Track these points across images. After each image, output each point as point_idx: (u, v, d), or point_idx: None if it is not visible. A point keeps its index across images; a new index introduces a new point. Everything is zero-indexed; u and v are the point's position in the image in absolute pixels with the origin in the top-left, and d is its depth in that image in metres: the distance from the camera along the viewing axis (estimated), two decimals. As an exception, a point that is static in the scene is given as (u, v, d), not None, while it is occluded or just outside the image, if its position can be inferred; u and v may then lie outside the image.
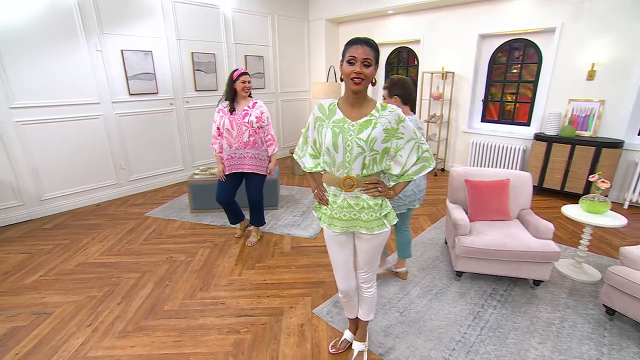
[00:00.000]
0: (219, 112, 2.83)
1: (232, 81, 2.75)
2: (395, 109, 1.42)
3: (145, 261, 2.89)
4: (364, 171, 1.44)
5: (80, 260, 2.91)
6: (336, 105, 1.46)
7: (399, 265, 2.60)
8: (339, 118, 1.43)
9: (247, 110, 2.79)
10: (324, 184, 1.59)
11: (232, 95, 2.79)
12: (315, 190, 1.63)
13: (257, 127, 2.81)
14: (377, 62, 1.37)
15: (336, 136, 1.41)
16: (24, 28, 3.44)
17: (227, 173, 2.93)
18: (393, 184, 1.55)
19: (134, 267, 2.79)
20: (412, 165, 1.50)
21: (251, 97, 2.88)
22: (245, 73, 2.75)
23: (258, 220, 3.17)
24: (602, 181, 2.43)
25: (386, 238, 1.58)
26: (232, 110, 2.77)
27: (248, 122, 2.77)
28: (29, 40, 3.48)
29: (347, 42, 1.38)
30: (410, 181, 1.54)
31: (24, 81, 3.52)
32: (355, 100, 1.41)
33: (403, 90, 2.15)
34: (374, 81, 1.39)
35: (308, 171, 1.63)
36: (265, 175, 3.02)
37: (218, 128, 2.84)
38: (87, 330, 2.08)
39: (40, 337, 2.03)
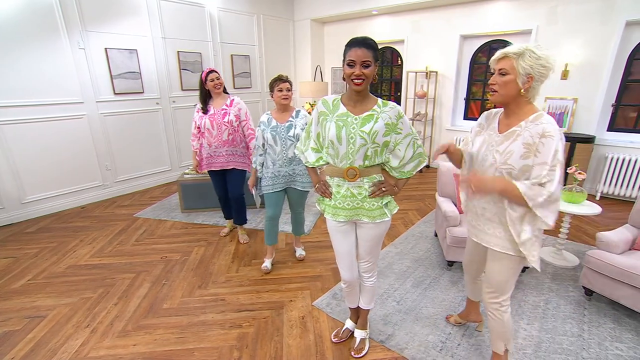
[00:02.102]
0: (198, 112, 2.89)
1: (202, 82, 2.80)
2: (395, 106, 1.52)
3: (139, 262, 2.85)
4: (366, 162, 1.52)
5: (70, 262, 2.84)
6: (339, 101, 1.55)
7: (297, 245, 2.90)
8: (343, 112, 1.51)
9: (226, 109, 2.82)
10: (327, 177, 1.65)
11: (205, 97, 2.84)
12: (317, 185, 1.69)
13: (237, 125, 2.85)
14: (377, 60, 1.45)
15: (340, 129, 1.49)
16: (2, 25, 3.30)
17: (207, 170, 2.98)
18: (397, 175, 1.62)
19: (127, 268, 2.75)
20: (410, 161, 1.58)
21: (227, 93, 2.92)
22: (212, 71, 2.79)
23: (240, 218, 3.15)
24: (579, 173, 2.61)
25: (387, 228, 1.66)
26: (204, 111, 2.82)
27: (228, 122, 2.81)
28: (8, 37, 3.35)
29: (347, 44, 1.45)
30: (410, 177, 1.64)
31: (4, 80, 3.38)
32: (358, 97, 1.50)
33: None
34: (374, 78, 1.46)
35: (310, 166, 1.69)
36: (245, 172, 3.06)
37: (198, 127, 2.89)
38: (85, 332, 2.05)
39: (36, 340, 1.99)
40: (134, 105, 4.45)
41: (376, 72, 1.47)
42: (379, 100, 1.52)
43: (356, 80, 1.42)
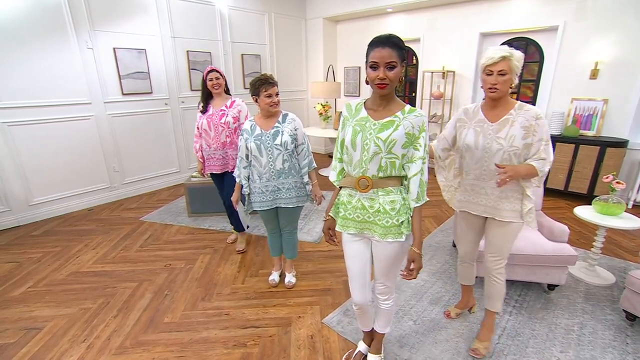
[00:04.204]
0: (199, 112, 2.78)
1: (204, 81, 2.67)
2: (421, 115, 1.34)
3: (142, 269, 2.74)
4: (380, 173, 1.36)
5: (73, 269, 2.75)
6: (362, 105, 1.41)
7: (289, 269, 2.54)
8: (363, 117, 1.37)
9: (225, 111, 2.69)
10: (342, 189, 1.52)
11: (205, 96, 2.72)
12: (325, 218, 1.59)
13: (235, 127, 2.71)
14: (403, 60, 1.27)
15: (356, 134, 1.35)
16: (10, 24, 3.26)
17: (208, 172, 2.87)
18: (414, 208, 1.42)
19: (130, 276, 2.64)
20: (414, 199, 1.38)
21: (229, 94, 2.79)
22: (212, 70, 2.65)
23: (237, 225, 3.01)
24: (617, 182, 2.37)
25: (404, 249, 1.46)
26: (203, 110, 2.71)
27: (225, 123, 2.67)
28: (16, 37, 3.30)
29: (369, 43, 1.29)
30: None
31: (11, 80, 3.33)
32: (382, 101, 1.35)
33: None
34: (401, 80, 1.29)
35: (336, 184, 1.55)
36: None
37: (198, 128, 2.78)
38: (81, 347, 1.94)
39: (30, 355, 1.88)
40: (142, 106, 4.38)
41: (403, 72, 1.30)
42: (407, 106, 1.35)
43: (380, 84, 1.26)
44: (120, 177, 4.32)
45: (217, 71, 2.66)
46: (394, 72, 1.25)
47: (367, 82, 1.32)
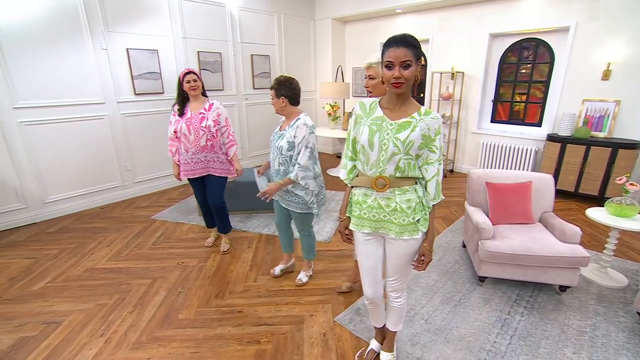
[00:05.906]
0: (174, 115, 2.68)
1: (180, 83, 2.61)
2: (438, 117, 1.37)
3: (155, 267, 2.79)
4: (397, 173, 1.38)
5: (88, 265, 2.81)
6: (377, 104, 1.43)
7: (305, 269, 2.59)
8: (379, 116, 1.39)
9: (204, 114, 2.64)
10: (354, 188, 1.53)
11: (182, 98, 2.64)
12: (341, 218, 1.60)
13: (215, 130, 2.68)
14: (419, 59, 1.30)
15: (373, 134, 1.37)
16: (28, 26, 3.33)
17: (184, 177, 2.82)
18: (429, 202, 1.47)
19: (144, 273, 2.69)
20: (432, 199, 1.44)
21: (206, 97, 2.75)
22: (189, 72, 2.60)
23: (223, 226, 3.00)
24: (631, 184, 2.36)
25: (418, 246, 1.49)
26: (181, 113, 2.62)
27: (205, 127, 2.62)
28: (33, 38, 3.38)
29: (384, 43, 1.33)
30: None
31: (28, 81, 3.41)
32: (397, 101, 1.37)
33: (290, 90, 2.12)
34: (417, 79, 1.32)
35: (347, 182, 1.56)
36: (225, 178, 2.88)
37: (175, 131, 2.68)
38: (99, 341, 1.99)
39: (51, 348, 1.93)
40: (154, 106, 4.43)
41: (419, 71, 1.32)
42: (422, 108, 1.38)
43: (395, 83, 1.28)
44: (131, 176, 4.39)
45: (195, 73, 2.62)
46: (409, 70, 1.27)
47: (382, 82, 1.35)
